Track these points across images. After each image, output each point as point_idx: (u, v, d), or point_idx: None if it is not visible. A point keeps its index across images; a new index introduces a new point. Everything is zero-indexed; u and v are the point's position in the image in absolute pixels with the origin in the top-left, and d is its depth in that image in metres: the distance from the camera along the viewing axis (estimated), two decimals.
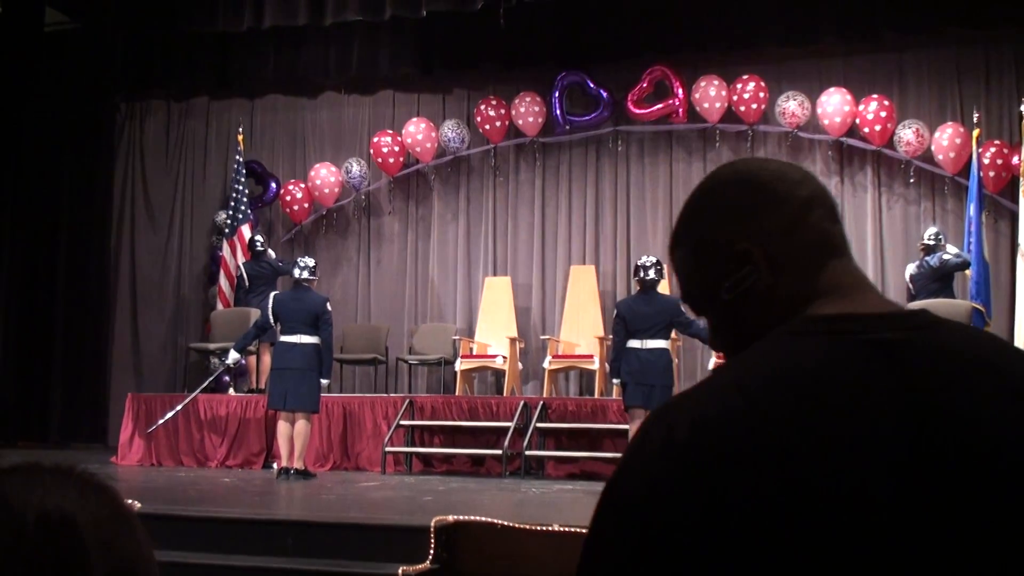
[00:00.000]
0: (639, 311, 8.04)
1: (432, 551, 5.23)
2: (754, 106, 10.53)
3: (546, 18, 10.68)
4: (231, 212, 11.28)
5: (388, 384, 10.95)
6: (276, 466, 8.90)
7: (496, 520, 5.35)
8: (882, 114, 10.23)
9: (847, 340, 1.02)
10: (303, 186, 11.85)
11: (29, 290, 12.00)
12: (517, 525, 5.24)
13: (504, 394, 10.10)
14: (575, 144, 11.38)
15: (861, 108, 10.30)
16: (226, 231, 11.29)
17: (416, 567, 5.17)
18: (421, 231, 11.80)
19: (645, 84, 10.88)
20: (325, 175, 11.74)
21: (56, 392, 11.80)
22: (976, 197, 9.44)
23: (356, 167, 11.71)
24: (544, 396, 9.76)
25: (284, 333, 8.66)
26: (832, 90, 10.36)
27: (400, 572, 5.13)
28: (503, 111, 11.27)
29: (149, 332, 12.09)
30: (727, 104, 10.61)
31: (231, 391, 10.41)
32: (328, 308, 8.67)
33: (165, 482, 8.33)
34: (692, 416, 0.99)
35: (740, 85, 10.53)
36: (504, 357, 10.38)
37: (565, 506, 7.06)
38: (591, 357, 10.15)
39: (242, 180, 11.40)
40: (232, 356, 9.10)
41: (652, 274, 8.17)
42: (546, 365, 10.22)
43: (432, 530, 5.25)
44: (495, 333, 10.70)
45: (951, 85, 10.46)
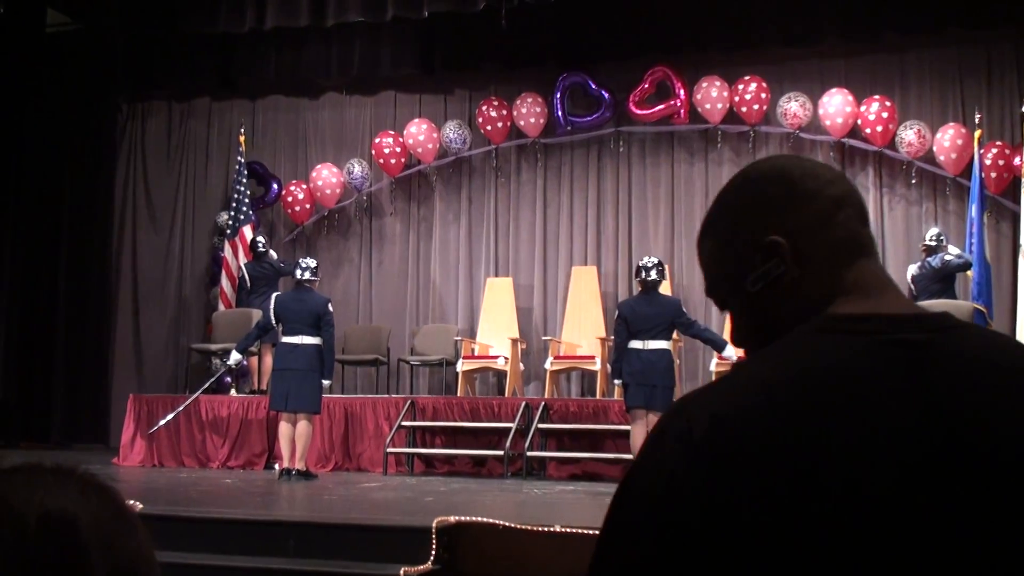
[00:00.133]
0: (641, 312, 8.02)
1: (433, 552, 5.22)
2: (756, 107, 10.52)
3: (548, 19, 10.66)
4: (233, 213, 11.27)
5: (390, 385, 10.94)
6: (278, 467, 8.90)
7: (498, 521, 5.34)
8: (884, 115, 10.22)
9: (870, 340, 1.03)
10: (305, 187, 11.84)
11: (31, 291, 12.00)
12: (519, 526, 5.23)
13: (506, 395, 10.11)
14: (577, 145, 11.37)
15: (863, 109, 10.29)
16: (228, 232, 11.29)
17: (418, 568, 5.17)
18: (423, 232, 11.80)
19: (647, 85, 10.88)
20: (327, 176, 11.74)
21: (58, 393, 11.80)
22: (978, 198, 9.43)
23: (358, 168, 11.71)
24: (546, 397, 9.76)
25: (286, 334, 8.66)
26: (834, 91, 10.35)
27: (402, 573, 5.13)
28: (505, 112, 11.27)
29: (151, 333, 12.10)
30: (729, 105, 10.61)
31: (233, 392, 10.41)
32: (330, 309, 8.67)
33: (166, 483, 8.33)
34: (712, 411, 0.99)
35: (742, 86, 10.52)
36: (506, 358, 10.38)
37: (567, 507, 7.06)
38: (593, 358, 10.15)
39: (244, 181, 11.40)
40: (234, 357, 9.11)
41: (654, 275, 8.14)
42: (547, 366, 10.22)
43: (434, 531, 5.24)
44: (497, 334, 10.70)
45: (953, 86, 10.45)
